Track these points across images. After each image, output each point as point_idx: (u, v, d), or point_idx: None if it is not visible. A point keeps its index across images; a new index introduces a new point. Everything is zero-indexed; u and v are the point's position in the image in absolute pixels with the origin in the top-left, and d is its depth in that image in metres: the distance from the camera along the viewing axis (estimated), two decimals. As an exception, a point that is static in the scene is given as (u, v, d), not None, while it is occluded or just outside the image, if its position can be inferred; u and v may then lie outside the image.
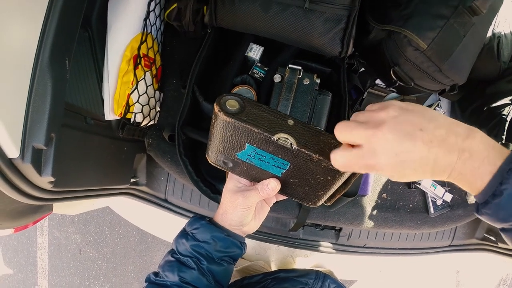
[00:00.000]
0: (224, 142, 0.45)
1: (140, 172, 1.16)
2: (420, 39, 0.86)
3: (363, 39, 0.99)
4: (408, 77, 0.97)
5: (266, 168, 0.47)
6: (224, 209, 0.53)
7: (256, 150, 0.44)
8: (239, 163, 0.48)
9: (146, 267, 2.16)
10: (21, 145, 0.55)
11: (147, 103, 0.99)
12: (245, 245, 0.56)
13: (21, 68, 0.56)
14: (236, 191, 0.52)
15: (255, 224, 0.56)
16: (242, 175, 0.51)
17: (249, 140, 0.43)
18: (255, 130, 0.41)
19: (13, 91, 0.54)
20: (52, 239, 2.19)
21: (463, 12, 0.86)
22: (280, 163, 0.45)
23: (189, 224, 0.55)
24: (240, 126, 0.41)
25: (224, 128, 0.42)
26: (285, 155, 0.43)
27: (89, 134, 0.81)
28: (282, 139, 0.41)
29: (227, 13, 0.88)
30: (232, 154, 0.46)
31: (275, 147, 0.43)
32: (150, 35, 0.96)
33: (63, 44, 0.62)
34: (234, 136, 0.43)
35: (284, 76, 0.89)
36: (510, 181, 0.32)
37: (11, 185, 0.58)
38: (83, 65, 0.82)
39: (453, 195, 1.29)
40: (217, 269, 0.52)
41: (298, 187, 0.49)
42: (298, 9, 0.84)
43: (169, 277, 0.51)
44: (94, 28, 0.84)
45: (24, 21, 0.56)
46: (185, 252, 0.52)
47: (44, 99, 0.58)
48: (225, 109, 0.41)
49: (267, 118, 0.43)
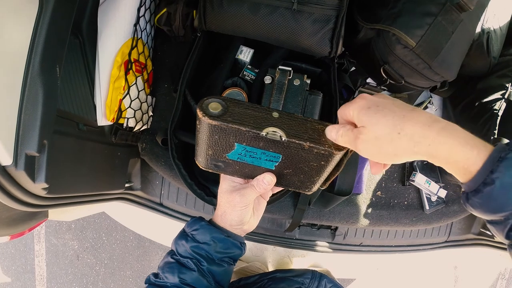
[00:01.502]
0: (213, 145, 0.45)
1: (134, 177, 1.16)
2: (408, 37, 0.87)
3: (353, 38, 1.00)
4: (398, 75, 0.98)
5: (259, 164, 0.47)
6: (223, 210, 0.53)
7: (246, 148, 0.44)
8: (230, 164, 0.48)
9: (144, 271, 2.16)
10: (14, 152, 0.56)
11: (139, 108, 1.00)
12: (245, 245, 0.56)
13: (12, 75, 0.56)
14: (232, 190, 0.51)
15: (255, 221, 0.56)
16: (235, 175, 0.51)
17: (237, 139, 0.43)
18: (242, 129, 0.41)
19: (4, 98, 0.54)
20: (49, 246, 2.18)
21: (451, 9, 0.87)
22: (272, 156, 0.45)
23: (188, 225, 0.54)
24: (226, 128, 0.41)
25: (210, 131, 0.42)
26: (276, 148, 0.43)
27: (82, 140, 0.81)
28: (271, 133, 0.41)
29: (216, 16, 0.88)
30: (222, 156, 0.46)
31: (265, 142, 0.43)
32: (140, 40, 0.97)
33: (54, 51, 0.62)
34: (222, 138, 0.43)
35: (275, 77, 0.90)
36: (501, 169, 0.32)
37: (5, 192, 0.59)
38: (75, 71, 0.82)
39: (448, 191, 1.30)
40: (218, 270, 0.52)
41: (292, 177, 0.49)
42: (286, 10, 0.85)
43: (169, 279, 0.50)
44: (85, 35, 0.84)
45: (14, 28, 0.56)
46: (185, 253, 0.52)
47: (36, 106, 0.58)
48: (208, 113, 0.41)
49: (252, 115, 0.43)
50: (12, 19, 0.55)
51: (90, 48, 0.86)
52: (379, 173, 0.51)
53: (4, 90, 0.54)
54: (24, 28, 0.57)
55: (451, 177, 1.27)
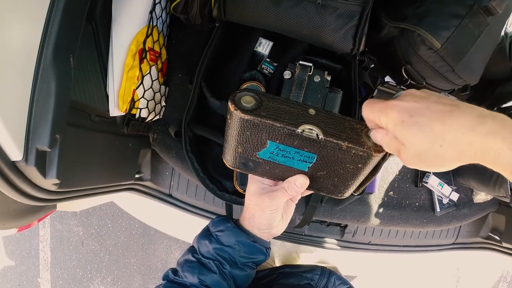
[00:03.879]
0: (243, 142, 0.42)
1: (144, 168, 1.14)
2: (434, 39, 0.83)
3: (375, 35, 0.97)
4: (419, 76, 0.95)
5: (291, 165, 0.44)
6: (251, 213, 0.50)
7: (279, 146, 0.41)
8: (260, 163, 0.45)
9: (149, 259, 2.17)
10: (24, 148, 0.53)
11: (152, 98, 0.97)
12: (269, 251, 0.54)
13: (23, 66, 0.53)
14: (261, 193, 0.49)
15: (283, 225, 0.53)
16: (265, 175, 0.48)
17: (270, 136, 0.40)
18: (277, 125, 0.38)
19: (15, 91, 0.51)
20: (54, 231, 2.19)
21: (478, 12, 0.84)
22: (306, 156, 0.42)
23: (213, 224, 0.52)
24: (260, 123, 0.38)
25: (242, 127, 0.40)
26: (311, 148, 0.41)
27: (94, 131, 0.79)
28: (307, 131, 0.38)
29: (236, 7, 0.85)
30: (253, 154, 0.43)
31: (300, 140, 0.40)
32: (156, 28, 0.93)
33: (68, 40, 0.59)
34: (254, 134, 0.40)
35: (294, 72, 0.86)
36: None
37: (15, 188, 0.56)
38: (87, 60, 0.79)
39: (460, 194, 1.28)
40: (240, 274, 0.51)
41: (326, 180, 0.46)
42: (310, 4, 0.81)
43: (188, 278, 0.49)
44: (98, 22, 0.81)
45: (26, 16, 0.53)
46: (207, 254, 0.50)
47: (48, 99, 0.55)
48: (241, 106, 0.38)
49: (287, 111, 0.40)
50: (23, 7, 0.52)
51: (104, 36, 0.83)
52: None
53: (14, 82, 0.51)
54: (36, 14, 0.54)
55: (464, 181, 1.25)
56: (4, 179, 0.53)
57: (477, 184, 1.17)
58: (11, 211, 0.68)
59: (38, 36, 0.55)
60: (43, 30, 0.55)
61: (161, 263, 2.18)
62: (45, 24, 0.55)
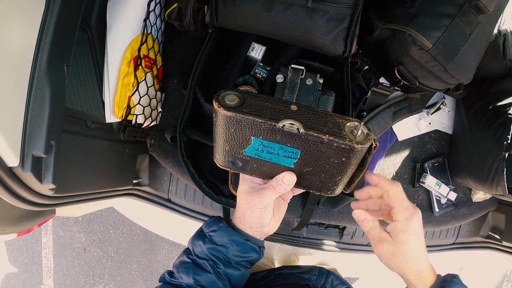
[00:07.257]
0: (229, 140, 0.43)
1: (142, 173, 1.15)
2: (425, 39, 0.84)
3: (367, 37, 0.98)
4: (412, 76, 0.95)
5: (277, 161, 0.45)
6: (242, 212, 0.51)
7: (263, 142, 0.42)
8: (248, 161, 0.46)
9: (151, 265, 2.17)
10: (20, 154, 0.54)
11: (148, 104, 0.99)
12: (263, 250, 0.55)
13: (18, 74, 0.55)
14: (251, 191, 0.50)
15: (275, 224, 0.54)
16: (254, 174, 0.49)
17: (254, 132, 0.41)
18: (258, 120, 0.39)
19: (11, 98, 0.53)
20: (56, 238, 2.20)
21: (469, 11, 0.84)
22: (290, 152, 0.43)
23: (206, 225, 0.53)
24: (242, 119, 0.40)
25: (226, 124, 0.41)
26: (294, 143, 0.42)
27: (90, 138, 0.80)
28: (287, 125, 0.39)
29: (228, 13, 0.86)
30: (240, 152, 0.45)
31: (282, 135, 0.41)
32: (150, 35, 0.95)
33: (61, 49, 0.61)
34: (238, 131, 0.41)
35: (287, 76, 0.88)
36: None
37: (12, 193, 0.58)
38: (83, 67, 0.80)
39: (458, 193, 1.28)
40: (234, 274, 0.51)
41: (313, 176, 0.47)
42: (301, 8, 0.82)
43: (184, 279, 0.50)
44: (94, 30, 0.83)
45: (21, 25, 0.54)
46: (201, 254, 0.51)
47: (43, 106, 0.57)
48: (224, 104, 0.40)
49: (269, 107, 0.41)
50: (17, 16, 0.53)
51: (99, 43, 0.85)
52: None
53: (10, 90, 0.53)
54: (30, 25, 0.55)
55: (461, 180, 1.25)
56: (2, 185, 0.55)
57: (475, 183, 1.17)
58: (11, 216, 0.69)
59: (33, 45, 0.56)
60: (37, 39, 0.57)
61: (163, 268, 2.18)
62: (39, 34, 0.57)
